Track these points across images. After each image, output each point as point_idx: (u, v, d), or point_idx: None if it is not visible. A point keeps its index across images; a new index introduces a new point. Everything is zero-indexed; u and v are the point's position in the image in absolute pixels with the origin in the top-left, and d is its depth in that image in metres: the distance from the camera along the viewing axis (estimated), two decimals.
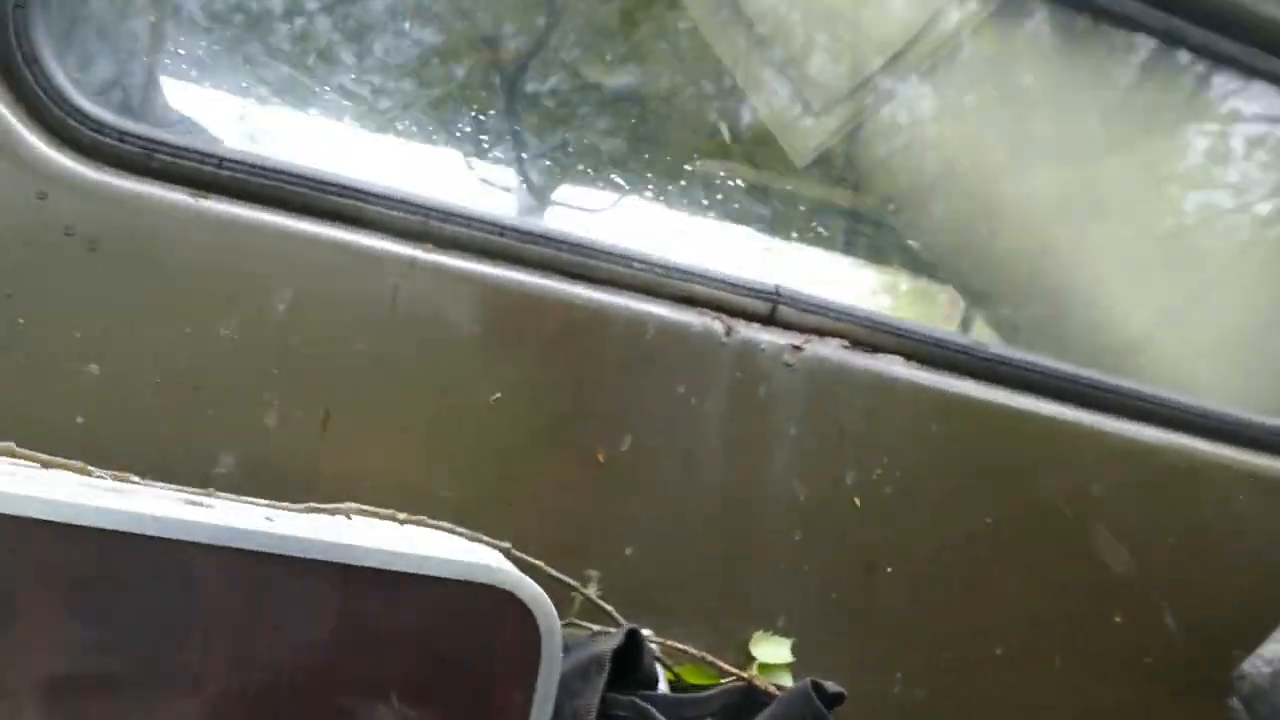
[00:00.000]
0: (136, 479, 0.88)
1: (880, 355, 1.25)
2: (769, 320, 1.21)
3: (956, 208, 1.41)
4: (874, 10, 1.33)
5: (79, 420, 0.96)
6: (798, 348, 1.20)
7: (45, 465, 0.86)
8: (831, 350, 1.22)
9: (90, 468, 0.87)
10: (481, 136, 2.96)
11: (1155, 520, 1.36)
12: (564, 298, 1.12)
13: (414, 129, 2.97)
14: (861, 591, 1.23)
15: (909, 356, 1.27)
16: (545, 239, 1.13)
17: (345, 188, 1.06)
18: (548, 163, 3.05)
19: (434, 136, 3.06)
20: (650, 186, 3.15)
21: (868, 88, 1.34)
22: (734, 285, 1.20)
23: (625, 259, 1.16)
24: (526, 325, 1.10)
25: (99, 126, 0.99)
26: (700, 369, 1.16)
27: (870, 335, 1.26)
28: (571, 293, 1.12)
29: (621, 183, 3.09)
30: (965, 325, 1.85)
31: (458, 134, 2.96)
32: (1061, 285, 1.44)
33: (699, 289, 1.18)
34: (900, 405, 1.25)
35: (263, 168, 1.04)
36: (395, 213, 1.07)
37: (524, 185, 3.18)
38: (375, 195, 1.07)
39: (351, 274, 1.04)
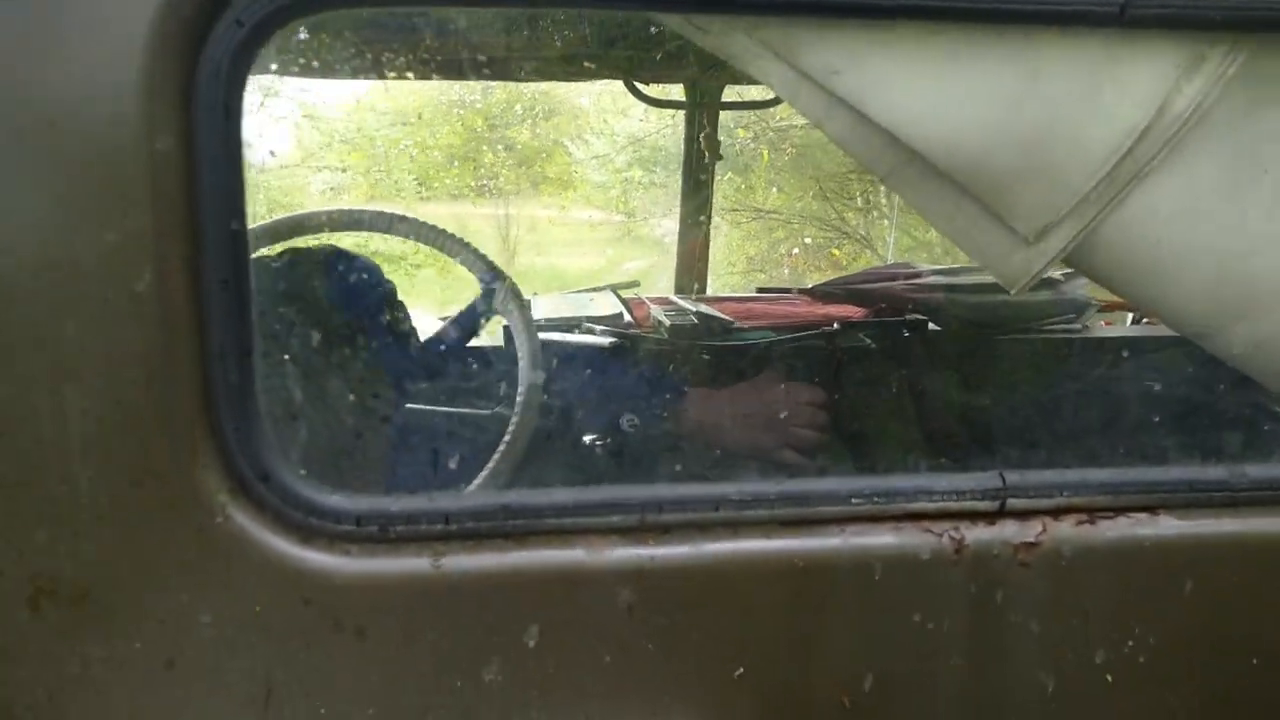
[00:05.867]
0: None
1: (1123, 517, 1.20)
2: (999, 515, 1.17)
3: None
4: (1087, 123, 1.15)
5: None
6: (1032, 544, 1.16)
7: None
8: (1068, 530, 1.18)
9: None
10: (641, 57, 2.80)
11: None
12: (785, 555, 1.13)
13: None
14: None
15: (1154, 509, 1.20)
16: (761, 500, 1.13)
17: (560, 506, 1.10)
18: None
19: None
20: None
21: (1089, 202, 1.19)
22: (959, 492, 1.16)
23: (842, 496, 1.14)
24: (756, 596, 1.13)
25: (337, 517, 1.06)
26: (934, 593, 1.15)
27: (1111, 500, 1.19)
28: (792, 548, 1.13)
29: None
30: None
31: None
32: None
33: (924, 505, 1.16)
34: (1148, 568, 1.20)
35: (482, 510, 1.09)
36: (613, 517, 1.11)
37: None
38: (589, 505, 1.10)
39: (585, 594, 1.10)
